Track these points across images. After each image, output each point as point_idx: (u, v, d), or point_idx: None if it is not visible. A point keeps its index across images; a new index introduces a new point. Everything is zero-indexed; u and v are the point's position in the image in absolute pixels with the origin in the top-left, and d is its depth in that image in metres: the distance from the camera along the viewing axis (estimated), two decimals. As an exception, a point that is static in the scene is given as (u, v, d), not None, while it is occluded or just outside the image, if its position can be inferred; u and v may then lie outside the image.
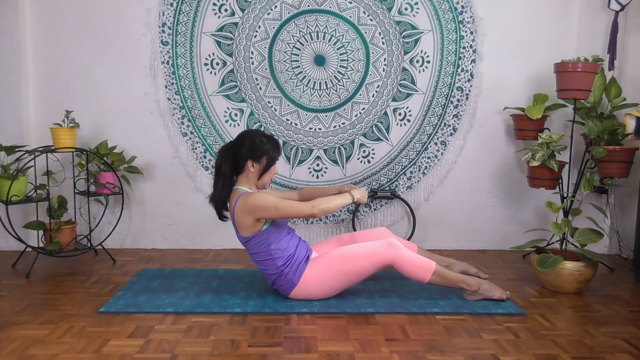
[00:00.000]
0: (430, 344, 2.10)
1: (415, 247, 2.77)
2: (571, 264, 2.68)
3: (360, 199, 2.56)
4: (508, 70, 3.49)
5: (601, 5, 3.39)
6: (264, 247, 2.47)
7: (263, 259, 2.50)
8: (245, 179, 2.52)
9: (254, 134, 2.52)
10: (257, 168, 2.50)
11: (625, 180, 3.33)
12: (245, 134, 2.53)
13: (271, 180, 2.59)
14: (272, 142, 2.52)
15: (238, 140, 2.51)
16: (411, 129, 3.51)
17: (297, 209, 2.41)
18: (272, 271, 2.50)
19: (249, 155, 2.47)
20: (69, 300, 2.56)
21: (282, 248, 2.49)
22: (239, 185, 2.51)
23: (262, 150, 2.48)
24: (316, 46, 3.40)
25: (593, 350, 2.08)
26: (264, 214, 2.40)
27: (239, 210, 2.42)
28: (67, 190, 3.33)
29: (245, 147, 2.47)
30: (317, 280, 2.48)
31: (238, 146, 2.48)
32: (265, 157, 2.49)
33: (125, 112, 3.43)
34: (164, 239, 3.55)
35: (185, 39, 3.37)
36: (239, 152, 2.48)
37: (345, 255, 2.48)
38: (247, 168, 2.49)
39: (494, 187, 3.60)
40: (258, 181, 2.53)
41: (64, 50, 3.38)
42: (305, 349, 2.05)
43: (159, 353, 2.00)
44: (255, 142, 2.48)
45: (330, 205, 2.45)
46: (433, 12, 3.41)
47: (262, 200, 2.39)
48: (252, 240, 2.47)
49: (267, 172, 2.53)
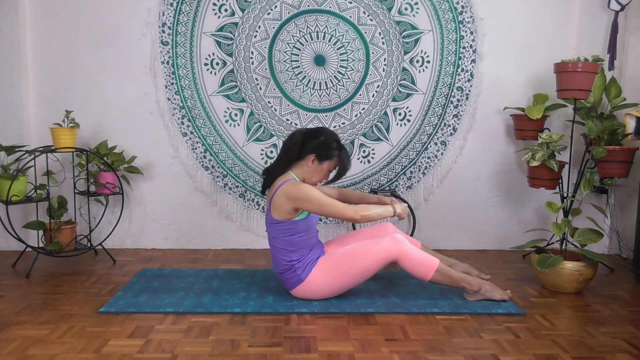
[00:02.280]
0: (430, 344, 2.10)
1: (419, 244, 2.76)
2: (571, 264, 2.68)
3: (401, 213, 2.54)
4: (508, 70, 3.49)
5: (601, 5, 3.39)
6: (287, 235, 2.48)
7: (281, 247, 2.50)
8: (299, 169, 2.54)
9: (331, 134, 2.54)
10: (314, 166, 2.52)
11: (625, 180, 3.33)
12: (324, 130, 2.55)
13: (319, 183, 2.60)
14: (342, 151, 2.54)
15: (314, 132, 2.53)
16: (411, 129, 3.51)
17: (339, 210, 2.42)
18: (285, 262, 2.50)
19: (315, 151, 2.49)
20: (69, 300, 2.56)
21: (302, 243, 2.50)
22: (290, 171, 2.54)
23: (329, 154, 2.51)
24: (316, 46, 3.40)
25: (593, 350, 2.08)
26: (305, 206, 2.41)
27: (282, 193, 2.43)
28: (67, 190, 3.33)
29: (317, 141, 2.50)
30: (324, 279, 2.48)
31: (311, 137, 2.51)
32: (328, 161, 2.52)
33: (125, 112, 3.43)
34: (164, 239, 3.55)
35: (185, 39, 3.37)
36: (309, 142, 2.50)
37: (351, 254, 2.49)
38: (306, 160, 2.51)
39: (494, 187, 3.60)
40: (307, 178, 2.55)
41: (64, 50, 3.38)
42: (305, 349, 2.05)
43: (159, 353, 2.00)
44: (327, 142, 2.50)
45: (372, 214, 2.46)
46: (433, 12, 3.41)
47: (309, 193, 2.40)
48: (280, 225, 2.48)
49: (320, 174, 2.55)
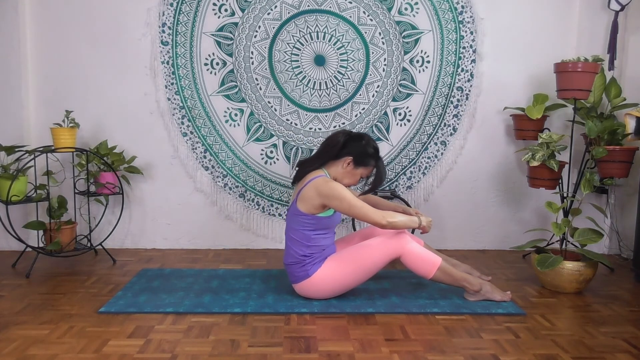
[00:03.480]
0: (430, 344, 2.10)
1: (422, 243, 2.76)
2: (571, 264, 2.68)
3: (426, 226, 2.54)
4: (508, 70, 3.49)
5: (601, 5, 3.39)
6: (307, 230, 2.49)
7: (297, 238, 2.51)
8: (334, 168, 2.55)
9: (372, 143, 2.56)
10: (349, 169, 2.53)
11: (625, 180, 3.33)
12: (366, 137, 2.57)
13: (349, 187, 2.61)
14: (379, 161, 2.55)
15: (357, 136, 2.56)
16: (411, 129, 3.51)
17: (368, 213, 2.42)
18: (297, 255, 2.50)
19: (353, 154, 2.51)
20: (69, 300, 2.56)
21: (319, 239, 2.51)
22: (324, 168, 2.56)
23: (366, 161, 2.53)
24: (316, 46, 3.40)
25: (593, 350, 2.08)
26: (335, 204, 2.42)
27: (313, 187, 2.44)
28: (67, 190, 3.33)
29: (357, 146, 2.52)
30: (329, 277, 2.48)
31: (353, 140, 2.53)
32: (363, 167, 2.54)
33: (125, 112, 3.43)
34: (164, 239, 3.55)
35: (185, 39, 3.37)
36: (349, 144, 2.52)
37: (356, 253, 2.49)
38: (342, 161, 2.53)
39: (494, 187, 3.60)
40: (339, 179, 2.56)
41: (64, 50, 3.38)
42: (305, 349, 2.05)
43: (159, 353, 2.00)
44: (367, 149, 2.52)
45: (399, 222, 2.46)
46: (433, 12, 3.41)
47: (341, 192, 2.41)
48: (303, 217, 2.48)
49: (352, 179, 2.56)
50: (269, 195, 3.52)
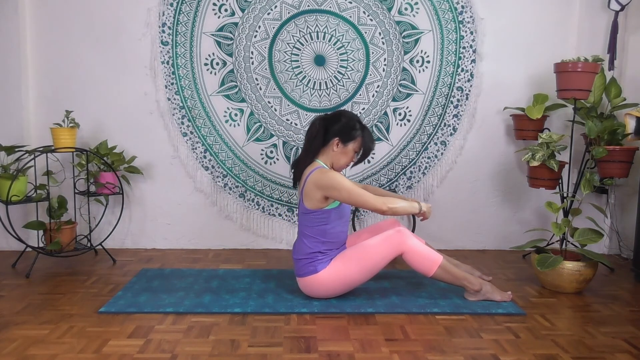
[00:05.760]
0: (430, 344, 2.10)
1: (423, 242, 2.76)
2: (571, 264, 2.68)
3: (426, 212, 2.54)
4: (508, 70, 3.49)
5: (601, 5, 3.39)
6: (321, 225, 2.50)
7: (310, 234, 2.51)
8: (326, 155, 2.56)
9: (351, 116, 2.56)
10: (340, 149, 2.53)
11: (625, 180, 3.33)
12: (343, 112, 2.57)
13: (347, 166, 2.61)
14: (364, 130, 2.55)
15: (334, 116, 2.56)
16: (411, 129, 3.51)
17: (368, 200, 2.42)
18: (309, 249, 2.50)
19: (338, 134, 2.51)
20: (69, 300, 2.56)
21: (333, 235, 2.52)
22: (317, 159, 2.56)
23: (353, 135, 2.52)
24: (316, 46, 3.40)
25: (593, 350, 2.08)
26: (334, 194, 2.42)
27: (312, 182, 2.45)
28: (67, 190, 3.33)
29: (339, 124, 2.51)
30: (335, 276, 2.48)
31: (332, 121, 2.53)
32: (352, 142, 2.53)
33: (125, 112, 3.43)
34: (164, 239, 3.55)
35: (185, 39, 3.37)
36: (331, 126, 2.52)
37: (359, 251, 2.49)
38: (331, 145, 2.53)
39: (494, 187, 3.60)
40: (335, 162, 2.56)
41: (64, 50, 3.38)
42: (305, 349, 2.05)
43: (159, 353, 2.00)
44: (349, 123, 2.52)
45: (399, 207, 2.46)
46: (433, 12, 3.41)
47: (339, 182, 2.41)
48: (313, 214, 2.49)
49: (347, 157, 2.56)
50: (269, 195, 3.52)
